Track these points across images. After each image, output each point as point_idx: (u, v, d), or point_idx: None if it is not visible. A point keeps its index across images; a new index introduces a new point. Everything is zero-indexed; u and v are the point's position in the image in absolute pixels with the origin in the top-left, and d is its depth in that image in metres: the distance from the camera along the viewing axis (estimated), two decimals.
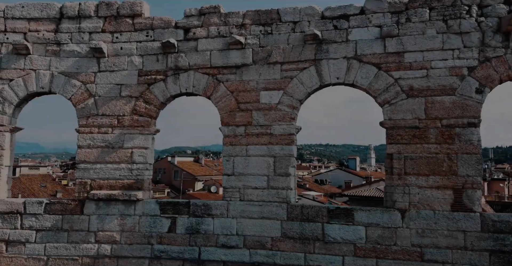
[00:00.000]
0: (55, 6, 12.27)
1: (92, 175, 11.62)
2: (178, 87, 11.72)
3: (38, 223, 11.50)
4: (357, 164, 72.03)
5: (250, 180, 11.03)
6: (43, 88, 11.96)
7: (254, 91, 11.29)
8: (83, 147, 11.75)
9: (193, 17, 11.90)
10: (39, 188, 38.40)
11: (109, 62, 11.94)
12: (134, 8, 12.06)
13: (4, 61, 12.02)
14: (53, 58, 12.06)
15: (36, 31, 12.14)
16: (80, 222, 11.45)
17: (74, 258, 11.31)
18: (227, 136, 11.33)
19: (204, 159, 58.14)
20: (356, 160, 74.01)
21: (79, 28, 12.12)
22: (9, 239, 11.47)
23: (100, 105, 11.82)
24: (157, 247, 11.19)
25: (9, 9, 12.26)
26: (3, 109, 11.88)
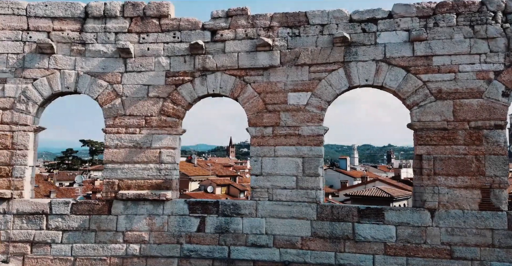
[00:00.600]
0: (80, 6, 12.16)
1: (119, 175, 11.57)
2: (205, 88, 11.74)
3: (65, 224, 11.39)
4: (347, 164, 72.76)
5: (278, 180, 11.11)
6: (68, 88, 11.86)
7: (282, 92, 11.38)
8: (110, 147, 11.68)
9: (220, 19, 11.93)
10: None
11: (136, 62, 11.90)
12: (160, 9, 12.04)
13: (27, 60, 11.88)
14: (78, 58, 11.96)
15: (60, 31, 12.02)
16: (108, 222, 11.38)
17: (102, 258, 11.23)
18: (255, 136, 11.40)
19: (196, 159, 57.90)
20: (347, 160, 74.73)
21: (104, 28, 12.04)
22: (34, 240, 11.34)
23: (128, 106, 11.77)
24: (186, 246, 11.19)
25: (32, 7, 12.11)
26: (26, 109, 11.74)
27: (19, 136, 11.53)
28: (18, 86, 11.71)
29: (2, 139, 11.51)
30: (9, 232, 11.22)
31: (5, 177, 11.43)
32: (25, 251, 11.23)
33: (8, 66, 11.75)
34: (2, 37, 11.83)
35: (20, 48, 11.85)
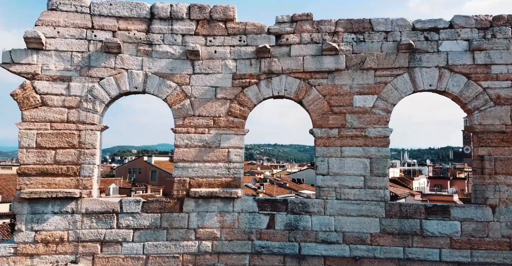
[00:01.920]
0: (145, 6, 12.17)
1: (190, 173, 11.69)
2: (270, 90, 12.06)
3: (136, 222, 11.41)
4: None
5: (346, 179, 11.56)
6: (136, 88, 11.86)
7: (348, 95, 11.85)
8: (180, 146, 11.79)
9: (285, 24, 12.26)
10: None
11: (204, 65, 12.05)
12: (227, 13, 12.24)
13: (93, 59, 11.78)
14: (145, 59, 11.98)
15: (126, 30, 11.99)
16: (180, 220, 11.49)
17: (174, 256, 11.33)
18: (320, 137, 11.81)
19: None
20: None
21: (171, 30, 12.11)
22: (104, 239, 11.27)
23: (196, 107, 11.91)
24: (257, 242, 11.46)
25: (96, 5, 12.01)
26: (94, 108, 11.67)
27: (87, 135, 11.43)
28: (84, 85, 11.60)
29: (69, 138, 11.38)
30: (78, 232, 11.12)
31: (73, 176, 11.32)
32: (95, 251, 11.15)
33: (73, 65, 11.62)
34: (65, 34, 11.66)
35: (85, 47, 11.73)
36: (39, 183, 11.01)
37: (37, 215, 10.91)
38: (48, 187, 11.02)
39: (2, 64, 11.22)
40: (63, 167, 11.16)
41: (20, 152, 11.07)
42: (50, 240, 10.87)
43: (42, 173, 11.08)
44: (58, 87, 11.35)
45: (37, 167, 11.07)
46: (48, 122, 11.24)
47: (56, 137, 11.19)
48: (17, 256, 10.71)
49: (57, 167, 11.15)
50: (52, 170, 11.12)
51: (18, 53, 11.29)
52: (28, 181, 11.00)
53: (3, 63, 11.22)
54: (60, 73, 11.39)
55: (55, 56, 11.42)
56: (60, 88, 11.35)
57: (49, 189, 10.99)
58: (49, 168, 11.11)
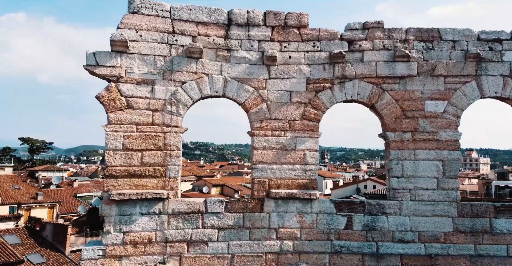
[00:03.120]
0: (223, 12, 12.74)
1: (269, 175, 12.32)
2: (344, 94, 12.77)
3: (220, 222, 11.95)
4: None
5: (420, 181, 12.38)
6: (217, 92, 12.42)
7: (419, 100, 12.67)
8: (259, 148, 12.38)
9: (357, 31, 13.01)
10: (13, 190, 36.11)
11: (279, 70, 12.68)
12: (301, 19, 12.90)
13: (175, 63, 12.29)
14: (224, 64, 12.55)
15: (206, 36, 12.54)
16: (261, 220, 12.11)
17: (258, 255, 11.92)
18: (394, 140, 12.58)
19: None
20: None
21: (248, 36, 12.73)
22: (191, 239, 11.80)
23: (273, 110, 12.53)
24: (336, 242, 12.16)
25: (176, 10, 12.53)
26: (177, 111, 12.17)
27: (172, 137, 11.87)
28: (168, 88, 12.09)
29: (155, 140, 11.85)
30: (165, 233, 11.59)
31: (160, 177, 11.80)
32: (182, 251, 11.66)
33: (156, 68, 12.10)
34: (148, 38, 12.14)
35: (167, 51, 12.23)
36: (127, 184, 11.44)
37: (125, 216, 11.34)
38: (136, 188, 11.46)
39: (87, 66, 11.66)
40: (150, 168, 11.62)
41: (107, 154, 11.51)
42: (138, 241, 11.30)
43: (129, 174, 11.53)
44: (143, 90, 11.79)
45: (124, 169, 11.51)
46: (134, 125, 11.69)
47: (142, 139, 11.64)
48: (105, 258, 11.15)
49: (144, 168, 11.60)
50: (139, 172, 11.57)
51: (103, 55, 11.73)
52: (116, 182, 11.42)
53: (88, 65, 11.69)
54: (144, 76, 11.83)
55: (138, 59, 11.87)
56: (144, 91, 11.79)
57: (137, 190, 11.45)
58: (136, 169, 11.55)
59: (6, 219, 32.25)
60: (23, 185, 38.83)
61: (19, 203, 33.53)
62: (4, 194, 34.40)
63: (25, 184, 39.92)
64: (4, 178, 38.60)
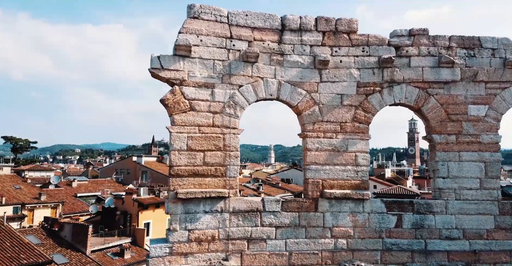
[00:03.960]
0: (277, 18, 13.44)
1: (322, 175, 13.07)
2: (392, 98, 13.62)
3: (277, 220, 12.65)
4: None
5: (464, 182, 13.34)
6: (271, 95, 13.11)
7: (463, 104, 13.59)
8: (312, 149, 13.11)
9: (403, 37, 13.87)
10: (15, 190, 36.01)
11: (330, 73, 13.44)
12: (351, 25, 13.68)
13: (233, 67, 12.94)
14: (278, 68, 13.27)
15: (261, 41, 13.22)
16: (316, 219, 12.87)
17: (314, 253, 12.65)
18: (440, 143, 13.50)
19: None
20: None
21: (301, 41, 13.46)
22: (251, 236, 12.44)
23: (325, 113, 13.30)
24: (387, 240, 13.00)
25: (233, 16, 13.17)
26: (235, 113, 12.80)
27: (231, 138, 12.46)
28: (226, 91, 12.73)
29: (216, 141, 12.46)
30: (227, 230, 12.20)
31: (220, 176, 12.43)
32: (242, 248, 12.31)
33: (216, 72, 12.73)
34: (208, 43, 12.75)
35: (225, 55, 12.87)
36: (191, 183, 12.05)
37: (190, 214, 11.95)
38: (199, 187, 12.09)
39: (152, 69, 12.17)
40: (212, 168, 12.24)
41: (173, 154, 12.11)
42: (202, 238, 11.92)
43: (193, 174, 12.17)
44: (204, 93, 12.41)
45: (188, 168, 12.13)
46: (196, 126, 12.32)
47: (204, 140, 12.27)
48: (172, 256, 11.71)
49: (206, 168, 12.23)
50: (202, 171, 12.21)
51: (167, 59, 12.33)
52: (181, 181, 12.01)
53: (153, 68, 12.26)
54: (205, 80, 12.47)
55: (199, 63, 12.50)
56: (205, 94, 12.41)
57: (201, 189, 12.04)
58: (199, 169, 12.18)
59: (10, 219, 32.23)
60: (24, 185, 38.71)
61: (23, 203, 33.49)
62: (6, 194, 34.29)
63: (26, 184, 39.75)
64: (3, 178, 38.39)
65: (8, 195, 34.40)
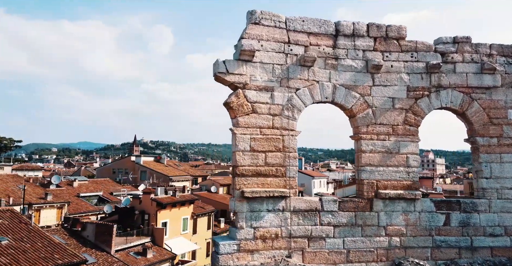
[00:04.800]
0: (331, 24, 14.02)
1: (376, 177, 13.69)
2: (439, 102, 14.37)
3: (335, 219, 13.23)
4: (302, 163, 76.76)
5: (506, 182, 14.19)
6: (327, 98, 13.69)
7: (503, 109, 14.44)
8: (366, 151, 13.73)
9: (448, 44, 14.63)
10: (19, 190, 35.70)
11: (382, 77, 14.08)
12: (400, 31, 14.36)
13: (291, 71, 13.49)
14: (332, 71, 13.84)
15: (316, 45, 13.79)
16: (371, 218, 13.45)
17: (370, 250, 13.29)
18: (483, 145, 14.31)
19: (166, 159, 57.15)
20: (302, 160, 78.62)
21: (354, 46, 14.07)
22: (311, 235, 12.96)
23: (378, 116, 13.92)
24: (437, 238, 13.75)
25: (291, 21, 13.70)
26: (293, 116, 13.34)
27: (289, 139, 12.98)
28: (284, 94, 13.27)
29: (276, 142, 12.98)
30: (289, 228, 12.71)
31: (281, 177, 12.96)
32: (303, 246, 12.87)
33: (275, 76, 13.23)
34: (267, 48, 13.26)
35: (283, 60, 13.40)
36: (254, 183, 12.55)
37: (255, 212, 12.46)
38: (262, 186, 12.60)
39: (218, 73, 12.54)
40: (273, 168, 12.76)
41: (237, 155, 12.60)
42: (267, 236, 12.42)
43: (256, 173, 12.68)
44: (264, 96, 12.90)
45: (251, 168, 12.62)
46: (258, 128, 12.81)
47: (266, 141, 12.78)
48: (240, 253, 12.17)
49: (268, 168, 12.74)
50: (264, 171, 12.74)
51: (232, 63, 12.79)
52: (245, 181, 12.51)
53: (219, 73, 12.58)
54: (265, 83, 12.97)
55: (259, 67, 12.99)
56: (265, 97, 12.91)
57: (263, 188, 12.47)
58: (261, 169, 12.69)
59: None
60: (27, 185, 38.35)
61: (30, 203, 33.26)
62: (12, 195, 33.97)
63: (29, 183, 39.37)
64: (6, 178, 37.95)
65: (14, 195, 34.06)
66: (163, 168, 50.31)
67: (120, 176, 50.77)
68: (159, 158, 55.01)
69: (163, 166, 51.67)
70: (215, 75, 13.01)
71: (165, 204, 27.04)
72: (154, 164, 50.31)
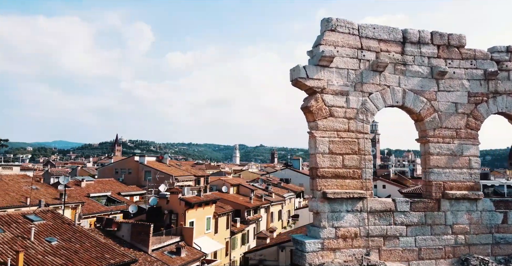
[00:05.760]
0: (399, 31, 14.73)
1: (443, 178, 14.44)
2: (496, 107, 15.31)
3: (407, 219, 13.92)
4: (300, 164, 77.40)
5: None
6: (397, 102, 14.33)
7: None
8: (433, 154, 14.45)
9: (502, 53, 15.61)
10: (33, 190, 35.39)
11: (446, 83, 14.84)
12: (460, 40, 15.18)
13: (364, 76, 14.11)
14: (401, 77, 14.51)
15: (387, 52, 14.44)
16: (439, 217, 14.14)
17: (439, 248, 14.05)
18: None
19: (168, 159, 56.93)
20: (300, 160, 79.31)
21: (420, 53, 14.77)
22: (386, 234, 13.59)
23: (443, 120, 14.63)
24: (496, 235, 14.61)
25: (363, 28, 14.33)
26: (366, 119, 13.96)
27: (364, 142, 13.57)
28: (358, 98, 13.88)
29: (352, 145, 13.58)
30: (366, 228, 13.31)
31: (358, 178, 13.56)
32: (380, 245, 13.52)
33: (349, 81, 13.83)
34: (342, 53, 13.83)
35: (357, 65, 14.00)
36: (334, 184, 13.12)
37: (335, 213, 13.04)
38: (341, 188, 13.21)
39: (299, 78, 13.09)
40: (350, 170, 13.37)
41: (317, 157, 13.16)
42: (347, 235, 13.01)
43: (335, 175, 13.28)
44: (340, 100, 13.50)
45: (330, 170, 13.20)
46: (335, 131, 13.39)
47: (343, 144, 13.39)
48: (323, 251, 12.73)
49: (346, 170, 13.35)
50: (342, 173, 13.36)
51: (311, 69, 13.37)
52: (326, 182, 13.10)
53: (300, 78, 13.11)
54: (341, 88, 13.56)
55: (335, 72, 13.57)
56: (341, 101, 13.51)
57: (342, 190, 13.02)
58: (340, 171, 13.27)
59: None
60: (39, 185, 38.01)
61: (47, 204, 33.02)
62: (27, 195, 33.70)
63: (40, 183, 38.96)
64: (16, 178, 37.47)
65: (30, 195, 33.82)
66: (166, 167, 50.26)
67: (123, 175, 50.57)
68: (161, 157, 54.87)
69: (166, 165, 51.63)
70: (296, 80, 13.49)
71: (193, 203, 27.29)
72: (157, 164, 50.24)
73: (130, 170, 50.17)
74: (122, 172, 50.71)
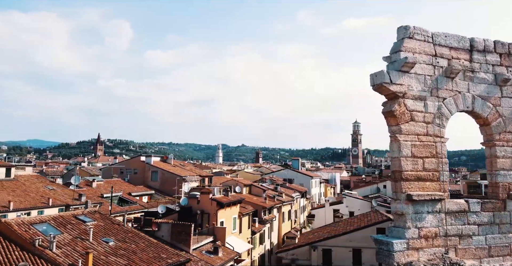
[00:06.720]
0: (467, 39, 15.45)
1: (508, 180, 15.21)
2: None
3: (478, 219, 14.64)
4: (299, 164, 77.94)
5: None
6: (468, 107, 15.03)
7: None
8: (499, 157, 15.19)
9: None
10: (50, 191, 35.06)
11: (508, 90, 15.60)
12: None
13: (439, 82, 14.76)
14: (470, 83, 15.24)
15: (457, 59, 15.12)
16: (505, 217, 14.93)
17: (506, 245, 14.87)
18: None
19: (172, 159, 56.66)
20: (299, 161, 79.81)
21: (485, 60, 15.47)
22: (461, 233, 14.23)
23: (507, 124, 15.38)
24: None
25: (436, 36, 14.97)
26: (442, 123, 14.59)
27: (441, 146, 14.22)
28: (434, 103, 14.53)
29: (430, 149, 14.17)
30: (444, 228, 13.95)
31: (436, 181, 14.19)
32: (456, 244, 14.18)
33: (426, 86, 14.45)
34: (420, 60, 14.44)
35: (432, 71, 14.63)
36: (416, 186, 13.70)
37: (418, 214, 13.62)
38: (422, 190, 13.78)
39: (384, 83, 13.59)
40: (429, 173, 13.97)
41: (401, 160, 13.72)
42: (428, 235, 13.64)
43: (417, 178, 13.86)
44: (419, 105, 14.10)
45: (412, 173, 13.76)
46: (416, 135, 13.96)
47: (423, 147, 13.98)
48: (408, 250, 13.32)
49: (426, 173, 13.97)
50: (423, 176, 13.94)
51: (394, 74, 13.83)
52: (409, 185, 13.67)
53: (384, 83, 13.63)
54: (419, 93, 14.15)
55: (414, 78, 14.14)
56: (420, 106, 14.11)
57: (424, 192, 13.57)
58: (420, 174, 13.87)
59: None
60: (54, 186, 37.56)
61: (67, 204, 32.79)
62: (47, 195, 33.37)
63: (55, 184, 38.49)
64: (31, 179, 36.92)
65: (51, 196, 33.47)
66: (172, 168, 50.08)
67: (129, 176, 50.20)
68: (166, 157, 54.64)
69: (171, 166, 51.50)
70: (380, 84, 14.02)
71: (224, 203, 27.52)
72: (163, 164, 50.02)
73: (136, 170, 49.84)
74: (127, 172, 50.34)
